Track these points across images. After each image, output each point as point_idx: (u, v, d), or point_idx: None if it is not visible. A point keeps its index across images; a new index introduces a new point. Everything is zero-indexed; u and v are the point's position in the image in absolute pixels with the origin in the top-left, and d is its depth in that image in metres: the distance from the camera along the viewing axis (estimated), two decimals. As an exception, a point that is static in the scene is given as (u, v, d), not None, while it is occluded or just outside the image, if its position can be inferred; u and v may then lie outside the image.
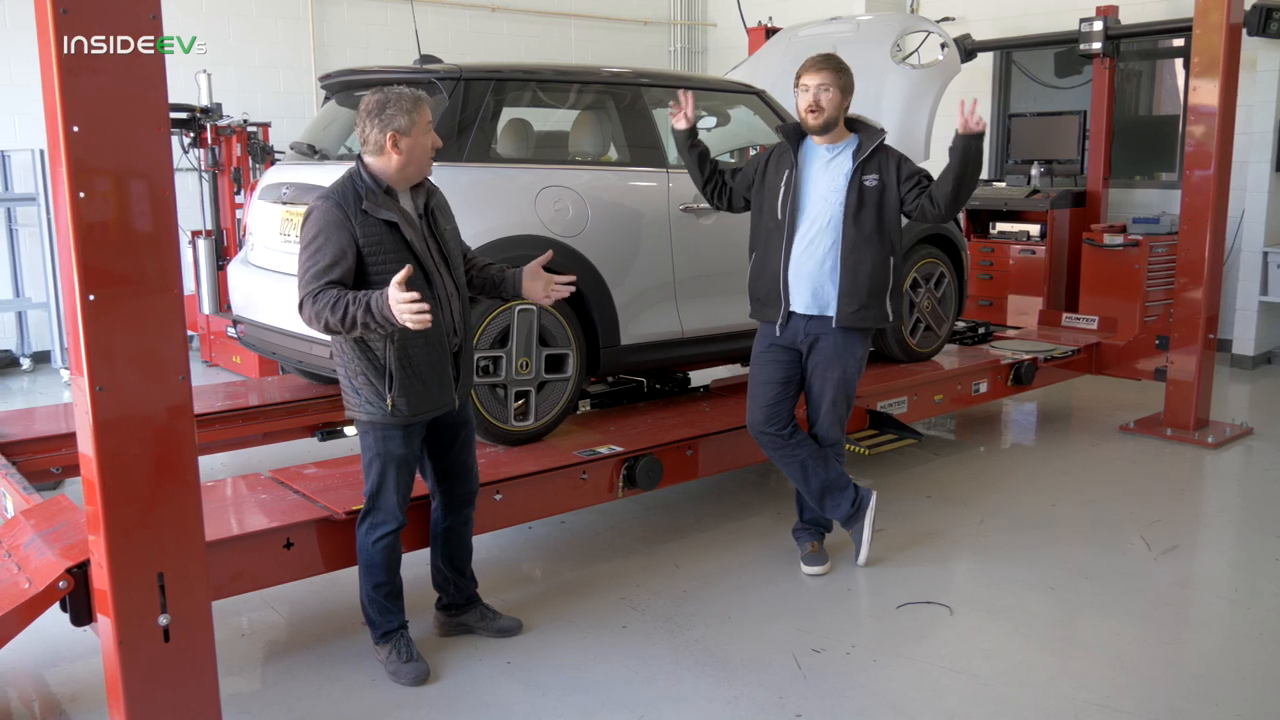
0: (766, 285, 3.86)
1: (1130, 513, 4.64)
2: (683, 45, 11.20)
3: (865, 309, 3.75)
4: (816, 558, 4.00)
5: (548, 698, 3.09)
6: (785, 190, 3.78)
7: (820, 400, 3.89)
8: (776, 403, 3.90)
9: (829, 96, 3.68)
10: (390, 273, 2.91)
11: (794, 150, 3.80)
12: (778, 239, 3.80)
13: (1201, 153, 5.63)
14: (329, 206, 2.94)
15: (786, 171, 3.79)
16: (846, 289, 3.73)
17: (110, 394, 2.34)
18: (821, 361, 3.84)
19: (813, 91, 3.69)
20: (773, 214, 3.82)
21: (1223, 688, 3.15)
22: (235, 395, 4.88)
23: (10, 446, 4.05)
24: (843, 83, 3.70)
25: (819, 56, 3.75)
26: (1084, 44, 7.99)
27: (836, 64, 3.72)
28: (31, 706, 3.19)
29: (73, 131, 2.23)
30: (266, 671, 3.31)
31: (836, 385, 3.85)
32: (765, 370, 3.92)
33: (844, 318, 3.75)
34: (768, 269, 3.84)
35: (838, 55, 3.78)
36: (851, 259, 3.72)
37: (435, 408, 3.10)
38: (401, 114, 2.96)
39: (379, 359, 3.00)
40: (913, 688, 3.15)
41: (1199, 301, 5.73)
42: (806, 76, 3.71)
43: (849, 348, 3.81)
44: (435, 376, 3.07)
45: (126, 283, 2.35)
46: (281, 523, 3.21)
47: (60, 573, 2.74)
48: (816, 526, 4.07)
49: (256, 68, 8.51)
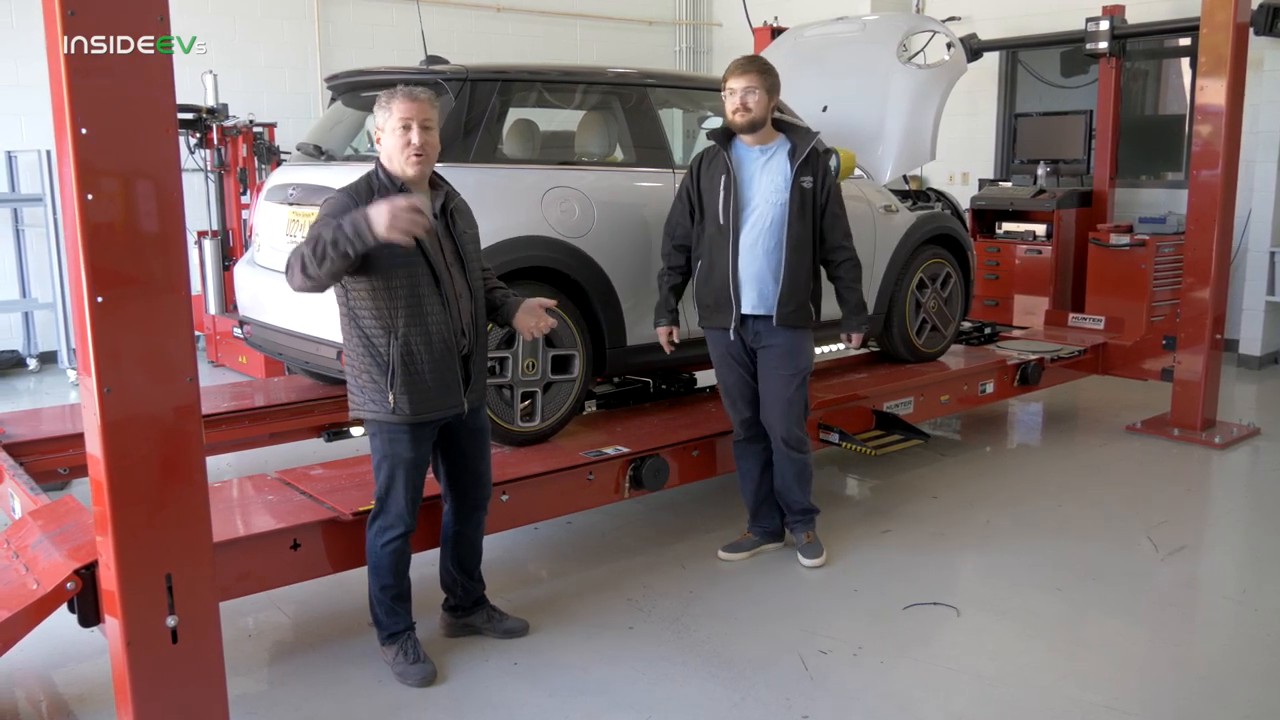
0: (716, 290, 3.87)
1: (1137, 513, 4.63)
2: (688, 45, 11.20)
3: (802, 309, 3.83)
4: (812, 549, 4.03)
5: (554, 699, 3.09)
6: (725, 193, 3.81)
7: (776, 400, 3.90)
8: (754, 400, 3.97)
9: (755, 98, 3.74)
10: (394, 267, 2.93)
11: (726, 151, 3.84)
12: (722, 243, 3.82)
13: (1208, 152, 5.61)
14: (340, 197, 2.99)
15: (722, 176, 3.82)
16: (787, 289, 3.79)
17: (118, 395, 2.34)
18: (774, 361, 3.87)
19: (739, 94, 3.76)
20: (714, 219, 3.84)
21: (1229, 689, 3.15)
22: (242, 396, 4.89)
23: (17, 447, 4.06)
24: (769, 84, 3.77)
25: (743, 60, 3.84)
26: (1090, 43, 7.98)
27: (761, 66, 3.79)
28: (39, 707, 3.20)
29: (81, 134, 2.23)
30: (274, 672, 3.31)
31: (791, 384, 3.87)
32: (732, 373, 3.97)
33: (783, 317, 3.80)
34: (715, 274, 3.86)
35: (763, 58, 3.86)
36: (793, 260, 3.78)
37: (440, 410, 3.08)
38: (380, 109, 3.02)
39: (383, 355, 3.00)
40: (920, 689, 3.15)
41: (1206, 301, 5.71)
42: (732, 80, 3.78)
43: (799, 344, 3.86)
44: (440, 378, 3.05)
45: (134, 284, 2.35)
46: (288, 524, 3.22)
47: (68, 574, 2.75)
48: (806, 514, 4.08)
49: (262, 68, 8.53)
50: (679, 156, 4.63)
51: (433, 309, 3.00)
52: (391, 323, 2.98)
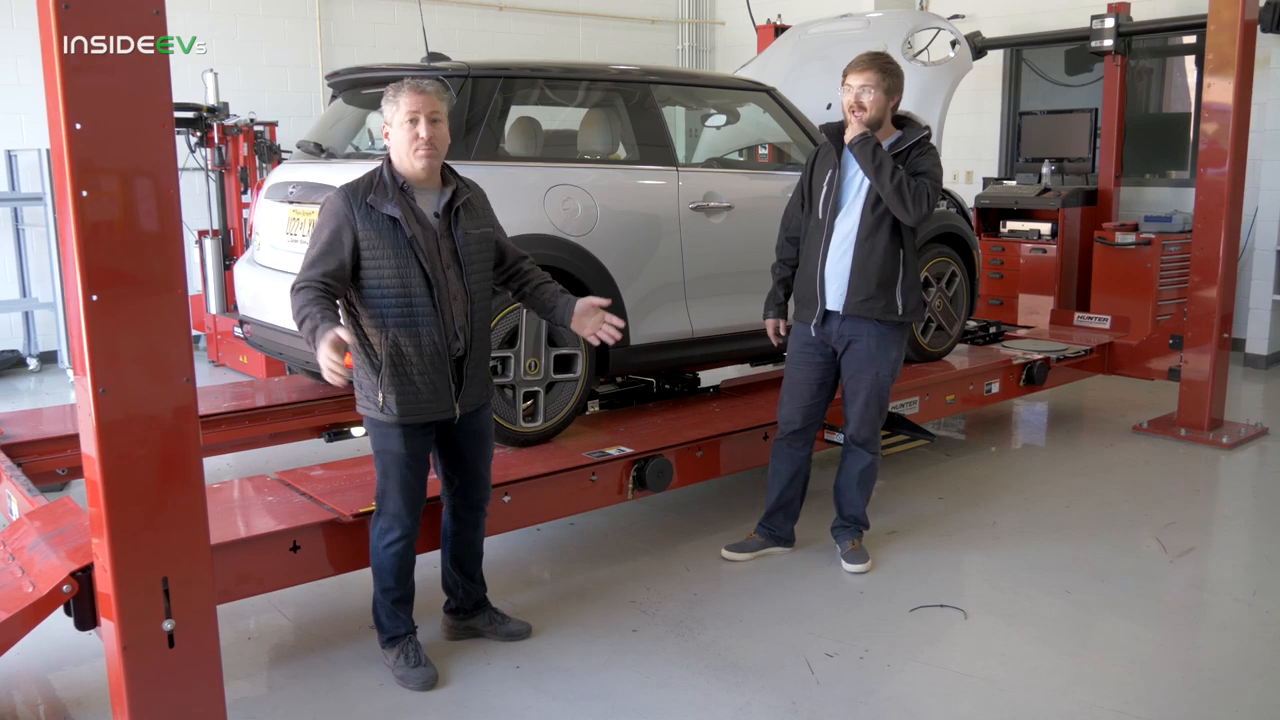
0: (805, 284, 3.85)
1: (1144, 514, 4.59)
2: (691, 43, 11.17)
3: (872, 299, 3.73)
4: (857, 555, 3.97)
5: (557, 702, 3.05)
6: (828, 190, 3.77)
7: (853, 400, 3.89)
8: (812, 403, 3.93)
9: (871, 98, 3.63)
10: (385, 270, 2.91)
11: (837, 150, 3.78)
12: (817, 238, 3.80)
13: (1215, 150, 5.57)
14: (336, 198, 2.96)
15: (830, 171, 3.78)
16: (855, 277, 3.72)
17: (114, 396, 2.31)
18: (854, 363, 3.83)
19: (855, 91, 3.65)
20: (815, 213, 3.82)
21: (1239, 691, 3.11)
22: (242, 396, 4.86)
23: (16, 448, 4.03)
24: (888, 84, 3.65)
25: (866, 55, 3.68)
26: (1095, 41, 7.94)
27: (883, 64, 3.66)
28: (37, 710, 3.17)
29: (75, 130, 2.20)
30: (273, 675, 3.28)
31: (869, 387, 3.84)
32: (801, 370, 3.93)
33: (850, 306, 3.74)
34: (807, 268, 3.84)
35: (887, 54, 3.71)
36: (864, 248, 3.71)
37: (428, 414, 3.03)
38: (387, 103, 2.99)
39: (375, 355, 2.97)
40: (926, 693, 3.11)
41: (1213, 300, 5.67)
42: (852, 76, 3.67)
43: (883, 349, 3.79)
44: (428, 382, 3.00)
45: (130, 283, 2.32)
46: (288, 525, 3.18)
47: (64, 576, 2.72)
48: (855, 524, 4.04)
49: (263, 67, 8.50)
50: (682, 154, 4.60)
51: (423, 312, 2.95)
52: (382, 323, 2.95)
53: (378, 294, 2.94)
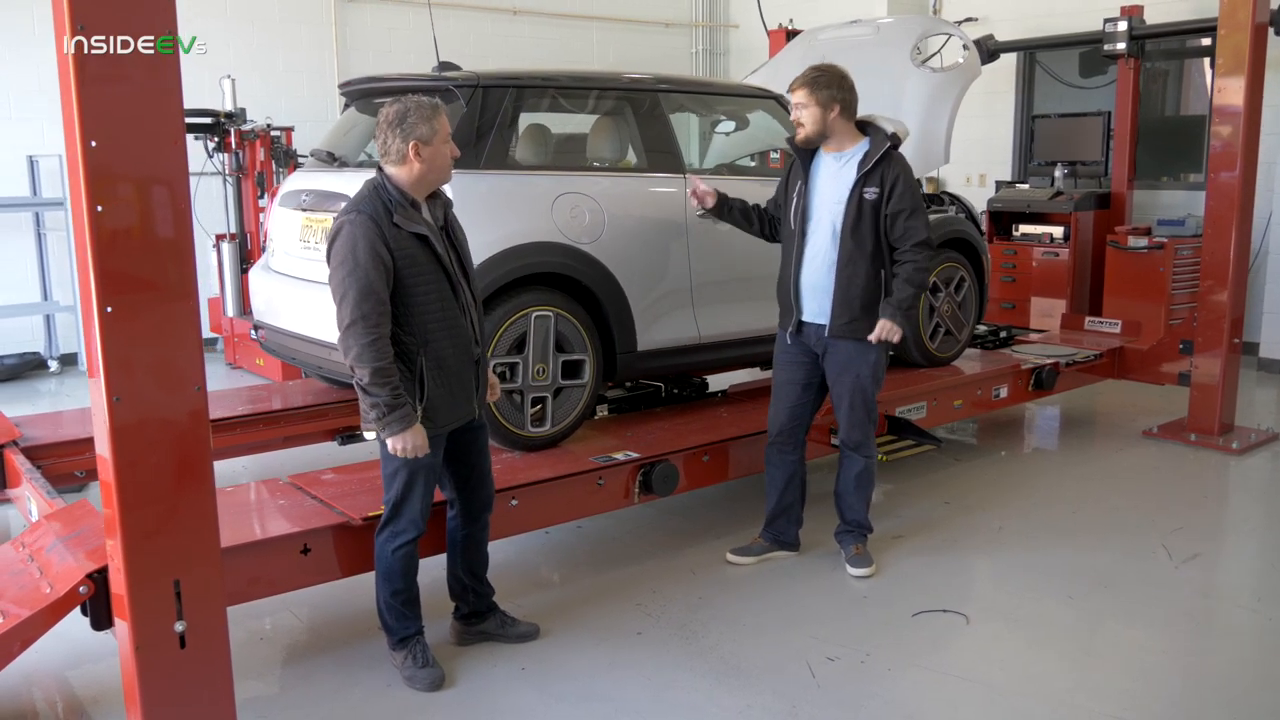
0: (782, 293, 3.95)
1: (1152, 520, 4.60)
2: (704, 47, 11.19)
3: (856, 321, 3.79)
4: (861, 560, 4.01)
5: (562, 704, 3.10)
6: (797, 200, 3.85)
7: (840, 404, 3.96)
8: (799, 404, 3.99)
9: (807, 113, 3.73)
10: (426, 287, 2.94)
11: (805, 158, 3.85)
12: (790, 248, 3.89)
13: (1227, 154, 5.56)
14: (363, 221, 2.89)
15: (799, 181, 3.86)
16: (839, 301, 3.79)
17: (127, 403, 2.37)
18: (835, 368, 3.89)
19: (794, 110, 3.77)
20: (788, 223, 3.90)
21: (1244, 699, 3.12)
22: (257, 399, 4.92)
23: (36, 450, 4.11)
24: (820, 97, 3.71)
25: (802, 73, 3.77)
26: (1108, 44, 7.91)
27: (812, 79, 3.73)
28: (55, 708, 3.24)
29: (90, 146, 2.26)
30: (284, 675, 3.34)
31: (852, 390, 3.89)
32: (786, 371, 4.01)
33: (835, 329, 3.81)
34: (784, 277, 3.93)
35: (823, 66, 3.77)
36: (846, 272, 3.77)
37: (459, 418, 3.14)
38: (422, 122, 2.97)
39: (414, 368, 3.00)
40: (928, 698, 3.14)
41: (1224, 304, 5.66)
42: (791, 93, 3.78)
43: (861, 353, 3.84)
44: (461, 387, 3.11)
45: (143, 292, 2.38)
46: (299, 528, 3.24)
47: (81, 578, 2.78)
48: (858, 528, 4.08)
49: (280, 73, 8.58)
50: (690, 162, 4.63)
51: (455, 321, 3.04)
52: (425, 338, 2.99)
53: (421, 310, 2.97)
